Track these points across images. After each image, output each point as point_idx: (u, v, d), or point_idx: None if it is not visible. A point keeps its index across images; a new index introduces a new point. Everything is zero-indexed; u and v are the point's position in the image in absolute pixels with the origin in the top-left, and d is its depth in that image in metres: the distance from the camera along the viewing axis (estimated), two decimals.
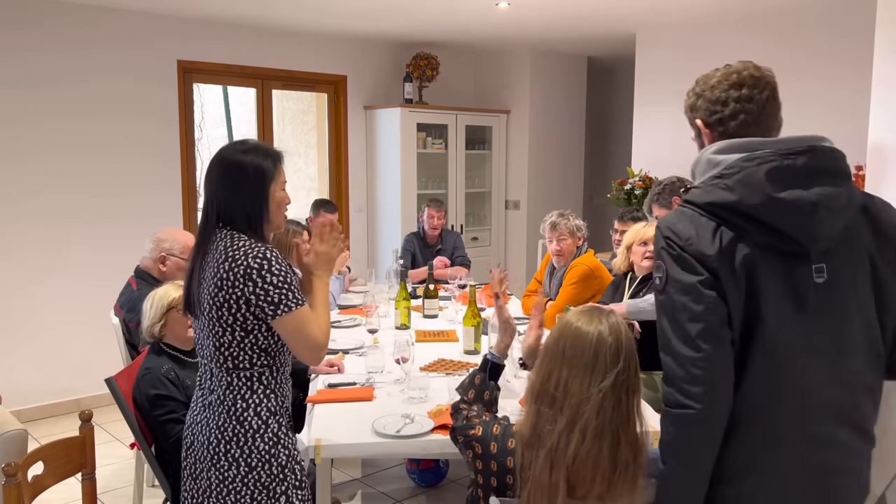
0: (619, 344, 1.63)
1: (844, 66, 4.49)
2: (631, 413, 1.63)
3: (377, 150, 6.10)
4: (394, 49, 6.18)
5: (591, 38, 5.87)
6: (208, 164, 1.95)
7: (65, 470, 2.15)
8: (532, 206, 6.56)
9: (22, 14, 4.38)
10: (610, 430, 1.60)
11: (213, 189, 1.93)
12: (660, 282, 1.54)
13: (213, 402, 1.96)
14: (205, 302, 1.88)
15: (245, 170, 1.91)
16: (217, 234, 1.91)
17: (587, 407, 1.60)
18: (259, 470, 1.93)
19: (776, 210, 1.46)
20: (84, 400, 4.69)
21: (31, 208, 4.51)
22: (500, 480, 1.75)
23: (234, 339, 1.89)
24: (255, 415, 1.92)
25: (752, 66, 1.75)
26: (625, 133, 6.42)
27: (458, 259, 4.95)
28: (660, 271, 1.54)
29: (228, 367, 1.92)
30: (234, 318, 1.86)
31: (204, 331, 1.94)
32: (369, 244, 6.27)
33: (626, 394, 1.62)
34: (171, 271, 3.27)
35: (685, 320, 1.47)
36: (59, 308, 4.64)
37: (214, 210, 1.91)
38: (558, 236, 3.90)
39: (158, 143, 4.99)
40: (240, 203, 1.91)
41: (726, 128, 1.66)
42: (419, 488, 3.60)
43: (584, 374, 1.62)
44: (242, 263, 1.83)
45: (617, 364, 1.61)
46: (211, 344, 1.92)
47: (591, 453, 1.60)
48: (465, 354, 3.19)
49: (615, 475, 1.61)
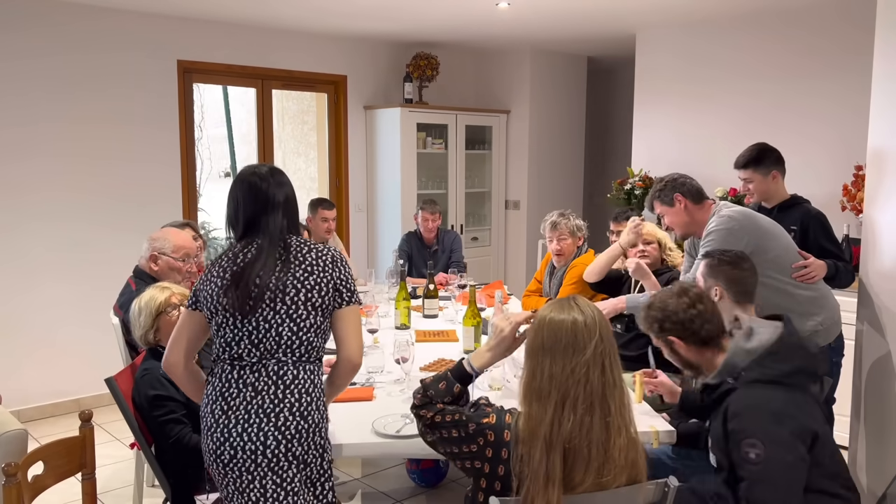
0: (593, 319, 1.72)
1: (844, 65, 4.49)
2: (617, 378, 1.72)
3: (377, 150, 6.10)
4: (394, 49, 6.18)
5: (591, 39, 5.87)
6: (266, 183, 2.08)
7: (65, 470, 2.15)
8: (532, 206, 6.56)
9: (22, 14, 4.38)
10: (598, 398, 1.68)
11: (282, 204, 2.08)
12: None
13: (264, 404, 1.95)
14: (288, 289, 1.98)
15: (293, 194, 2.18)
16: (283, 240, 2.05)
17: (573, 382, 1.68)
18: (313, 466, 2.00)
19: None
20: (84, 400, 4.69)
21: (32, 208, 4.51)
22: (507, 469, 1.75)
23: (314, 323, 2.00)
24: (317, 409, 2.00)
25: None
26: (625, 133, 6.42)
27: (454, 262, 4.91)
28: None
29: (300, 354, 2.00)
30: (321, 301, 2.01)
31: (273, 322, 1.97)
32: (369, 244, 6.27)
33: (607, 361, 1.71)
34: (162, 270, 3.27)
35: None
36: (60, 308, 4.63)
37: (283, 221, 2.07)
38: (559, 236, 3.90)
39: (158, 143, 4.99)
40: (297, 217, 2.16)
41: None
42: (419, 488, 3.60)
43: (564, 357, 1.70)
44: (329, 253, 2.06)
45: (593, 336, 1.70)
46: (287, 330, 1.97)
47: (584, 425, 1.66)
48: (465, 354, 3.18)
49: (610, 443, 1.67)
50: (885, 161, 2.96)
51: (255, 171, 2.09)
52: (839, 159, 4.49)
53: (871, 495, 2.93)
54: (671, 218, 3.04)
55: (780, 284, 2.86)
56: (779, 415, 1.96)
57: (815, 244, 3.08)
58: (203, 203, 6.84)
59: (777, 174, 3.26)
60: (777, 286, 2.85)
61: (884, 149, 2.97)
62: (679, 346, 2.18)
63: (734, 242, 2.80)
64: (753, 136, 4.16)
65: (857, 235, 3.89)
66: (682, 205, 2.98)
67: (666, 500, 1.79)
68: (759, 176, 3.25)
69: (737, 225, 2.83)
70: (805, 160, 4.60)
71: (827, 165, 4.57)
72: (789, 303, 2.85)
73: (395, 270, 4.31)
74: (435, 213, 4.97)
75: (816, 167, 4.59)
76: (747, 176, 3.28)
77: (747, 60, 4.96)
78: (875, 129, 3.01)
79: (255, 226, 2.04)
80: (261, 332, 1.98)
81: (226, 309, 1.98)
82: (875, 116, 3.00)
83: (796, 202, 3.27)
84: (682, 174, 3.08)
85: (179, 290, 2.65)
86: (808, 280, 2.91)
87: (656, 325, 2.20)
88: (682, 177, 3.04)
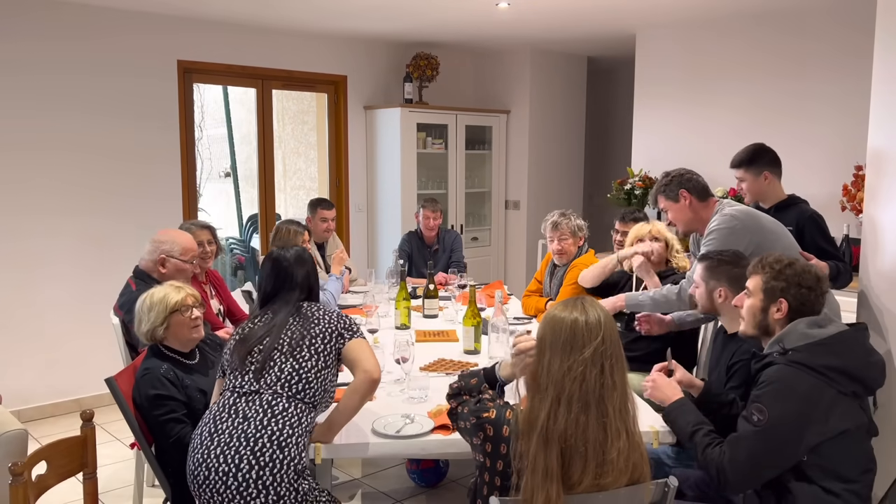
0: (597, 321, 1.73)
1: (844, 65, 4.49)
2: (616, 380, 1.71)
3: (377, 150, 6.10)
4: (394, 49, 6.19)
5: (591, 38, 5.87)
6: (296, 259, 2.43)
7: (67, 469, 2.15)
8: (532, 206, 6.56)
9: (22, 13, 4.39)
10: (594, 399, 1.68)
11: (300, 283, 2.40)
12: None
13: (248, 429, 2.04)
14: (294, 333, 2.24)
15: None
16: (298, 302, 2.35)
17: (569, 380, 1.69)
18: (286, 499, 2.00)
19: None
20: (84, 400, 4.69)
21: (32, 208, 4.51)
22: (505, 464, 1.76)
23: (315, 366, 2.19)
24: (296, 444, 2.05)
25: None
26: (625, 133, 6.41)
27: (454, 262, 4.91)
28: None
29: (296, 391, 2.14)
30: (324, 347, 2.23)
31: (277, 360, 2.18)
32: (369, 244, 6.27)
33: (607, 362, 1.71)
34: (170, 273, 3.27)
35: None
36: (60, 308, 4.64)
37: (305, 289, 2.40)
38: (559, 236, 3.90)
39: (158, 142, 4.99)
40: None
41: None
42: (419, 488, 3.60)
43: (563, 353, 1.71)
44: (336, 311, 2.36)
45: (595, 337, 1.71)
46: (289, 367, 2.17)
47: (579, 424, 1.67)
48: (465, 354, 3.19)
49: (608, 445, 1.67)
50: (885, 161, 2.96)
51: (281, 253, 2.42)
52: (839, 159, 4.49)
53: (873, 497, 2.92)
54: (675, 213, 3.03)
55: None
56: (802, 399, 1.99)
57: (811, 244, 3.07)
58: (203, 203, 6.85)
59: (769, 175, 3.25)
60: None
61: (884, 149, 2.97)
62: (780, 310, 2.18)
63: (736, 242, 2.80)
64: (753, 135, 4.16)
65: (857, 235, 3.89)
66: (686, 201, 2.98)
67: (666, 500, 1.80)
68: (751, 176, 3.25)
69: (739, 224, 2.83)
70: (805, 160, 4.60)
71: (827, 165, 4.57)
72: None
73: (395, 270, 4.31)
74: (436, 212, 4.96)
75: (816, 167, 4.59)
76: (740, 175, 3.29)
77: (747, 60, 4.96)
78: (875, 130, 3.01)
79: (273, 298, 2.36)
80: (265, 368, 2.17)
81: (232, 360, 2.23)
82: (875, 116, 3.00)
83: (793, 202, 3.26)
84: (687, 170, 3.06)
85: (193, 292, 2.66)
86: None
87: (783, 284, 2.17)
88: (688, 172, 3.03)
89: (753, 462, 1.99)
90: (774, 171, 3.27)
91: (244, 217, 7.73)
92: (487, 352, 3.05)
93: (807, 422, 1.99)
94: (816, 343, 2.08)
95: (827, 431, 2.00)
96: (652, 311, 3.13)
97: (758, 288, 2.23)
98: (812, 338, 2.10)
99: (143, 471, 3.25)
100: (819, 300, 2.19)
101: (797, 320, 2.16)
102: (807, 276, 2.19)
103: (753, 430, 1.99)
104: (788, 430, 1.98)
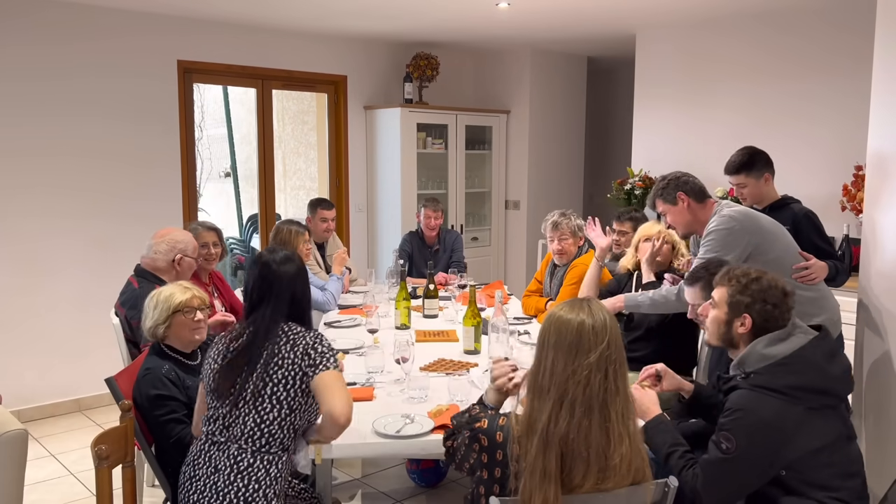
0: (603, 325, 1.71)
1: (844, 65, 4.49)
2: (619, 386, 1.70)
3: (377, 150, 6.10)
4: (394, 49, 6.19)
5: (591, 39, 5.87)
6: (281, 277, 2.26)
7: (118, 457, 2.20)
8: (532, 206, 6.56)
9: (22, 13, 4.38)
10: (598, 403, 1.68)
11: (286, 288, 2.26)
12: None
13: (218, 482, 2.08)
14: (257, 382, 2.10)
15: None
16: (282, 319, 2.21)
17: (573, 383, 1.68)
18: None
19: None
20: (84, 400, 4.69)
21: (31, 207, 4.51)
22: (503, 471, 1.76)
23: (278, 416, 2.10)
24: (263, 497, 2.08)
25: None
26: (625, 133, 6.41)
27: (454, 262, 4.91)
28: None
29: (260, 445, 2.10)
30: (287, 394, 2.10)
31: (241, 410, 2.11)
32: (369, 244, 6.27)
33: (612, 368, 1.70)
34: (184, 271, 3.31)
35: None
36: (60, 308, 4.64)
37: (290, 300, 2.25)
38: (560, 235, 3.90)
39: (158, 142, 4.99)
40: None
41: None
42: (419, 488, 3.60)
43: (568, 356, 1.70)
44: (303, 342, 2.14)
45: (601, 342, 1.69)
46: (252, 421, 2.10)
47: (581, 428, 1.66)
48: (465, 354, 3.19)
49: (611, 450, 1.66)
50: (885, 161, 2.96)
51: (271, 257, 2.27)
52: (839, 159, 4.49)
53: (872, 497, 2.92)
54: (673, 216, 3.03)
55: None
56: (767, 424, 1.99)
57: (808, 243, 3.06)
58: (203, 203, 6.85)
59: (769, 176, 3.25)
60: None
61: (884, 149, 2.97)
62: (744, 325, 2.16)
63: (734, 243, 2.80)
64: (753, 136, 4.16)
65: (857, 235, 3.89)
66: (684, 203, 2.98)
67: (666, 500, 1.80)
68: (753, 180, 3.23)
69: (737, 225, 2.83)
70: (805, 160, 4.60)
71: (827, 165, 4.57)
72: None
73: (395, 270, 4.31)
74: (437, 212, 4.96)
75: (816, 167, 4.59)
76: (740, 181, 3.26)
77: (747, 60, 4.96)
78: (875, 130, 3.01)
79: (258, 306, 2.22)
80: (230, 418, 2.13)
81: (212, 390, 2.16)
82: (875, 116, 3.00)
83: (786, 202, 3.25)
84: (684, 172, 3.06)
85: (200, 294, 2.64)
86: (809, 281, 2.89)
87: (748, 300, 2.15)
88: (685, 175, 3.03)
89: (726, 487, 2.02)
90: (771, 171, 3.27)
91: (244, 217, 7.74)
92: (487, 352, 3.05)
93: (775, 445, 1.99)
94: (776, 364, 2.07)
95: (798, 449, 2.00)
96: (650, 311, 3.13)
97: (723, 300, 2.20)
98: (771, 358, 2.09)
99: (143, 471, 3.25)
100: (784, 316, 2.15)
101: (756, 340, 2.14)
102: (773, 292, 2.15)
103: (723, 458, 2.00)
104: (757, 455, 1.99)
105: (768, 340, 2.13)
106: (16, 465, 2.18)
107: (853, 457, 2.11)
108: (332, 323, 3.79)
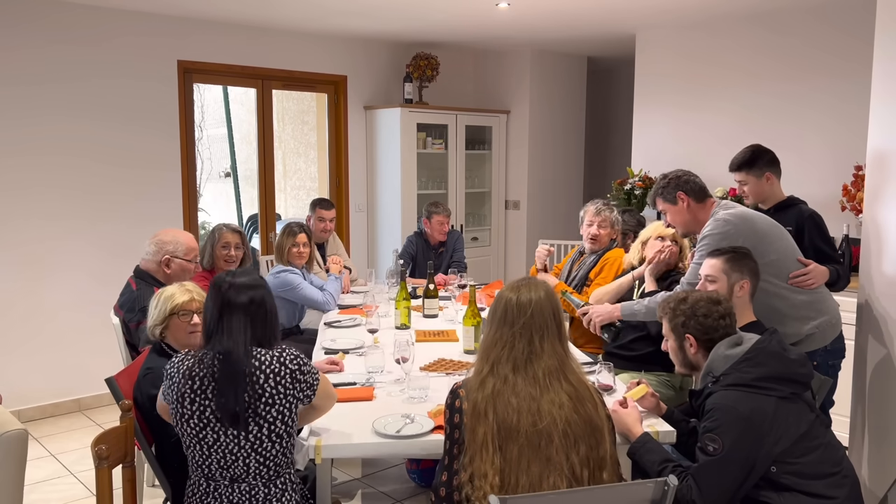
0: (528, 301, 1.95)
1: (844, 65, 4.49)
2: (545, 347, 1.93)
3: (377, 150, 6.10)
4: (394, 49, 6.19)
5: (591, 39, 5.87)
6: (262, 300, 2.13)
7: (118, 456, 2.20)
8: (532, 206, 6.56)
9: (22, 13, 4.39)
10: (522, 362, 1.92)
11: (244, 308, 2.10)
12: None
13: None
14: (251, 427, 2.01)
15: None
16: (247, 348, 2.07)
17: (499, 347, 1.94)
18: None
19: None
20: (84, 400, 4.69)
21: (31, 207, 4.51)
22: (461, 435, 1.91)
23: (281, 448, 2.06)
24: None
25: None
26: (625, 133, 6.42)
27: (454, 262, 4.90)
28: None
29: (268, 477, 2.06)
30: (285, 426, 2.06)
31: (239, 455, 2.02)
32: (369, 244, 6.27)
33: (538, 335, 1.93)
34: (175, 273, 3.27)
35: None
36: (60, 308, 4.64)
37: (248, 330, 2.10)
38: (600, 221, 3.86)
39: (158, 142, 4.99)
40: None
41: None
42: (419, 488, 3.60)
43: (498, 325, 1.96)
44: (286, 367, 2.06)
45: (524, 314, 1.93)
46: (254, 462, 2.03)
47: (507, 381, 1.90)
48: (465, 354, 3.19)
49: (538, 394, 1.87)
50: (885, 161, 2.96)
51: (225, 277, 2.11)
52: (839, 159, 4.49)
53: (872, 497, 2.92)
54: (673, 216, 3.02)
55: (775, 289, 2.83)
56: (748, 418, 2.06)
57: (810, 245, 3.05)
58: (203, 203, 6.86)
59: (771, 176, 3.24)
60: (773, 290, 2.82)
61: (884, 149, 2.97)
62: (692, 345, 2.32)
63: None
64: (753, 136, 4.16)
65: (856, 235, 3.89)
66: (684, 203, 2.97)
67: (666, 500, 1.80)
68: (753, 178, 3.23)
69: (732, 228, 2.82)
70: (805, 160, 4.60)
71: (827, 165, 4.57)
72: (785, 307, 2.84)
73: (395, 270, 4.32)
74: (449, 216, 4.99)
75: (816, 167, 4.59)
76: (741, 178, 3.26)
77: (747, 60, 4.96)
78: (875, 129, 3.01)
79: (217, 331, 2.06)
80: (228, 461, 2.03)
81: (192, 428, 2.02)
82: (875, 116, 3.00)
83: (792, 203, 3.25)
84: (685, 171, 3.05)
85: (201, 297, 2.61)
86: (807, 287, 2.87)
87: (681, 320, 2.33)
88: (686, 174, 3.02)
89: (721, 489, 2.04)
90: (775, 171, 3.25)
91: (244, 217, 7.74)
92: None
93: (760, 437, 2.05)
94: (740, 360, 2.18)
95: (781, 441, 2.06)
96: (647, 318, 3.11)
97: (668, 330, 2.39)
98: (734, 357, 2.20)
99: (144, 471, 3.25)
100: (723, 321, 2.29)
101: (717, 345, 2.27)
102: (700, 304, 2.31)
103: (712, 460, 2.05)
104: (747, 450, 2.04)
105: (727, 344, 2.26)
106: (16, 465, 2.18)
107: (834, 440, 2.19)
108: (332, 323, 3.79)
